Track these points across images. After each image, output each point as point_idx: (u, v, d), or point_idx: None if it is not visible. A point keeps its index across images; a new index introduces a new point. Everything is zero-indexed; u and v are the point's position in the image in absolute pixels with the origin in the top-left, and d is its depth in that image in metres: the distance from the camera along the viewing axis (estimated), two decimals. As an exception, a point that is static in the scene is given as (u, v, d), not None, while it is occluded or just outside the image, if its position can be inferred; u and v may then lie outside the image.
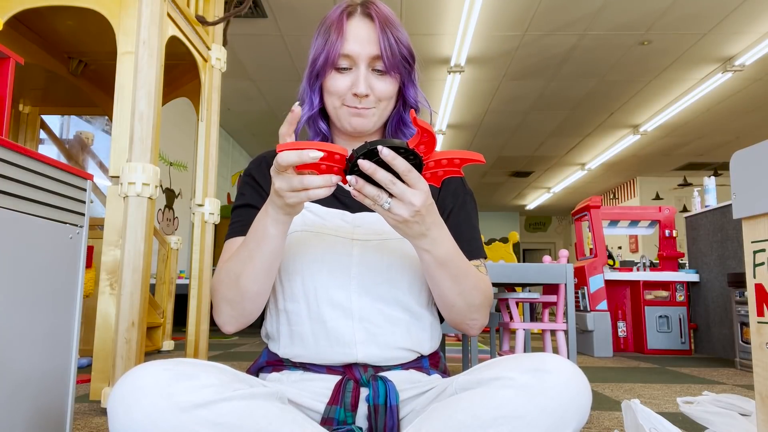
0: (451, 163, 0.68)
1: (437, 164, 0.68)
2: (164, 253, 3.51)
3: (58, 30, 2.34)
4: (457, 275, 0.79)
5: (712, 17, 4.36)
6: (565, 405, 0.66)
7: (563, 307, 2.35)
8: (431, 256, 0.76)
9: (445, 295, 0.81)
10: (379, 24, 0.85)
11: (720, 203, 3.88)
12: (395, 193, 0.66)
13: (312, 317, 0.82)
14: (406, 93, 0.91)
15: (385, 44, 0.84)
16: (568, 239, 13.28)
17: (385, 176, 0.65)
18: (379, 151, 0.63)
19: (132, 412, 0.61)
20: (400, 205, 0.67)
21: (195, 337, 2.25)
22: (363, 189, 0.66)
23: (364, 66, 0.85)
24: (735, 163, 0.74)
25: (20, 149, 0.93)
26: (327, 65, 0.85)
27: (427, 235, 0.73)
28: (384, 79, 0.86)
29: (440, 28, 4.55)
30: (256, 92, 6.03)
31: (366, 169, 0.64)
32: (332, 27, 0.86)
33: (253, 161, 0.95)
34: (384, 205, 0.67)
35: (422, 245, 0.75)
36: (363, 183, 0.66)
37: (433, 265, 0.77)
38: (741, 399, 1.08)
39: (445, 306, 0.84)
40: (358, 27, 0.85)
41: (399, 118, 0.93)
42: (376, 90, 0.86)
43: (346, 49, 0.84)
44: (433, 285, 0.81)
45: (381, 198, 0.67)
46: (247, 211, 0.90)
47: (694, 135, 7.32)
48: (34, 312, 0.98)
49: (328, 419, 0.76)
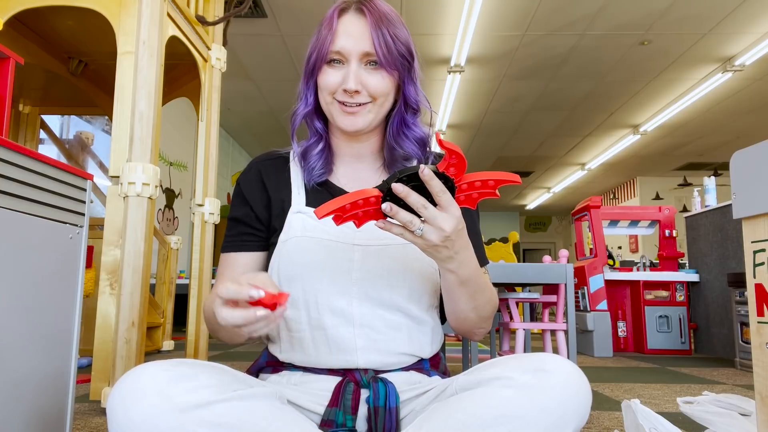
0: (486, 185, 0.68)
1: (471, 186, 0.68)
2: (164, 253, 3.51)
3: (58, 30, 2.34)
4: (475, 292, 0.80)
5: (712, 17, 4.36)
6: (565, 405, 0.66)
7: (563, 307, 2.35)
8: (455, 277, 0.77)
9: (460, 310, 0.82)
10: (371, 20, 0.84)
11: (720, 203, 3.88)
12: (426, 217, 0.67)
13: (312, 324, 0.82)
14: (406, 91, 0.89)
15: (379, 40, 0.83)
16: (568, 239, 13.27)
17: (417, 200, 0.66)
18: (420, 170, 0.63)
19: (131, 413, 0.61)
20: (431, 230, 0.68)
21: (195, 337, 2.25)
22: (397, 214, 0.67)
23: (356, 62, 0.84)
24: (735, 163, 0.74)
25: (20, 149, 0.93)
26: (319, 61, 0.85)
27: (455, 259, 0.74)
28: (377, 75, 0.84)
29: (440, 28, 4.55)
30: (256, 92, 6.03)
31: (399, 192, 0.65)
32: (324, 25, 0.86)
33: (245, 170, 0.95)
34: (417, 231, 0.68)
35: (448, 267, 0.75)
36: (397, 209, 0.67)
37: (455, 284, 0.78)
38: (741, 399, 1.08)
39: (458, 319, 0.85)
40: (349, 23, 0.85)
41: (401, 119, 0.91)
42: (368, 85, 0.84)
43: (336, 45, 0.84)
44: (449, 300, 0.82)
45: (414, 224, 0.67)
46: (235, 226, 0.92)
47: (694, 135, 7.32)
48: (34, 312, 0.98)
49: (327, 421, 0.76)
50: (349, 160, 0.94)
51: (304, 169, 0.91)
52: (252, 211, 0.90)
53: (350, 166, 0.94)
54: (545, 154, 8.45)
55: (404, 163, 0.93)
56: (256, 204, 0.90)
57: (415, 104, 0.90)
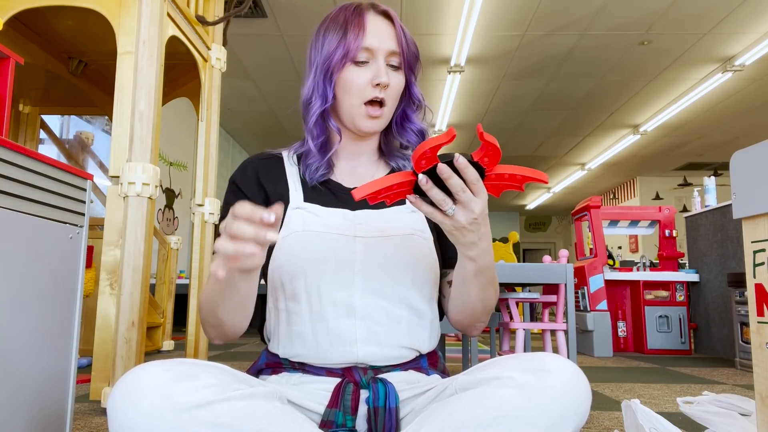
0: (513, 178, 0.71)
1: (498, 177, 0.71)
2: (164, 253, 3.51)
3: (58, 30, 2.34)
4: (487, 283, 0.82)
5: (712, 17, 4.36)
6: (564, 404, 0.66)
7: (563, 307, 2.35)
8: (474, 265, 0.78)
9: (470, 301, 0.84)
10: (397, 23, 0.89)
11: (720, 203, 3.88)
12: (463, 199, 0.69)
13: (314, 317, 0.82)
14: (412, 89, 0.94)
15: (402, 41, 0.88)
16: (568, 239, 13.27)
17: (458, 182, 0.68)
18: (455, 159, 0.66)
19: (131, 412, 0.61)
20: (462, 211, 0.70)
21: (195, 337, 2.25)
22: (431, 190, 0.68)
23: (382, 59, 0.87)
24: (735, 163, 0.74)
25: (20, 149, 0.93)
26: (345, 59, 0.86)
27: (478, 245, 0.75)
28: (398, 75, 0.89)
29: (440, 28, 4.55)
30: (256, 92, 6.03)
31: (443, 172, 0.67)
32: (349, 23, 0.87)
33: (238, 168, 0.95)
34: (449, 210, 0.70)
35: (470, 253, 0.76)
36: (432, 185, 0.68)
37: (471, 273, 0.79)
38: (741, 399, 1.08)
39: (464, 310, 0.86)
40: (377, 22, 0.89)
41: (403, 114, 0.95)
42: (391, 84, 0.88)
43: (367, 42, 0.86)
44: (461, 292, 0.84)
45: (446, 203, 0.69)
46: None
47: (694, 135, 7.32)
48: (34, 312, 0.98)
49: (327, 422, 0.76)
50: (348, 156, 0.96)
51: (306, 168, 0.91)
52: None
53: (349, 163, 0.96)
54: (545, 154, 8.45)
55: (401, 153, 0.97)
56: (255, 198, 0.90)
57: (418, 101, 0.95)
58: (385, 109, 0.89)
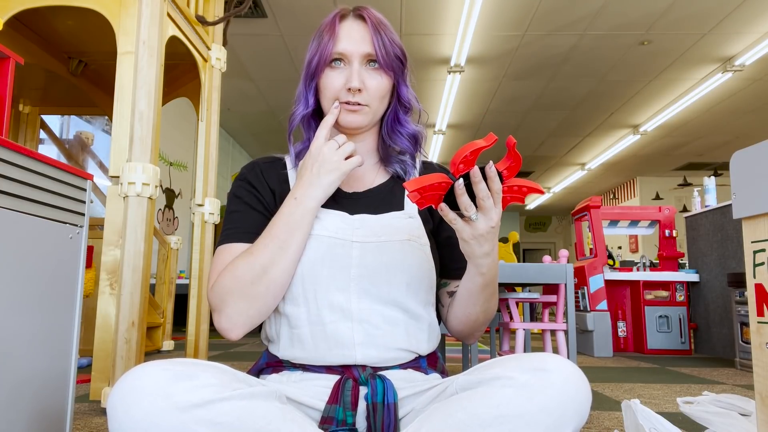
0: (520, 190, 0.74)
1: (509, 190, 0.74)
2: (164, 253, 3.51)
3: (58, 30, 2.34)
4: (491, 294, 0.85)
5: (712, 17, 4.36)
6: (564, 404, 0.66)
7: (563, 307, 2.35)
8: (483, 279, 0.81)
9: (473, 312, 0.86)
10: (371, 25, 0.89)
11: (720, 203, 3.88)
12: (485, 206, 0.72)
13: (312, 320, 0.83)
14: (400, 92, 0.94)
15: (378, 43, 0.88)
16: (568, 239, 13.27)
17: (485, 189, 0.71)
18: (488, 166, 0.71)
19: (131, 412, 0.61)
20: (483, 218, 0.73)
21: (195, 337, 2.25)
22: (462, 196, 0.71)
23: (357, 62, 0.88)
24: (735, 163, 0.74)
25: (20, 149, 0.93)
26: (321, 64, 0.88)
27: (490, 255, 0.78)
28: (377, 76, 0.89)
29: (440, 28, 4.55)
30: (256, 92, 6.03)
31: (475, 176, 0.70)
32: (325, 29, 0.90)
33: (246, 167, 0.96)
34: (472, 216, 0.72)
35: (482, 265, 0.79)
36: (463, 190, 0.71)
37: (480, 286, 0.82)
38: (741, 399, 1.08)
39: (467, 321, 0.89)
40: (350, 28, 0.89)
41: (394, 116, 0.95)
42: (369, 86, 0.88)
43: (339, 48, 0.87)
44: (467, 303, 0.86)
45: (471, 209, 0.72)
46: (244, 216, 0.90)
47: (694, 135, 7.32)
48: (34, 312, 0.98)
49: (327, 418, 0.76)
50: None
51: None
52: (260, 200, 0.91)
53: None
54: (545, 154, 8.45)
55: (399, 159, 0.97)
56: (265, 194, 0.92)
57: (408, 103, 0.95)
58: (367, 108, 0.89)
